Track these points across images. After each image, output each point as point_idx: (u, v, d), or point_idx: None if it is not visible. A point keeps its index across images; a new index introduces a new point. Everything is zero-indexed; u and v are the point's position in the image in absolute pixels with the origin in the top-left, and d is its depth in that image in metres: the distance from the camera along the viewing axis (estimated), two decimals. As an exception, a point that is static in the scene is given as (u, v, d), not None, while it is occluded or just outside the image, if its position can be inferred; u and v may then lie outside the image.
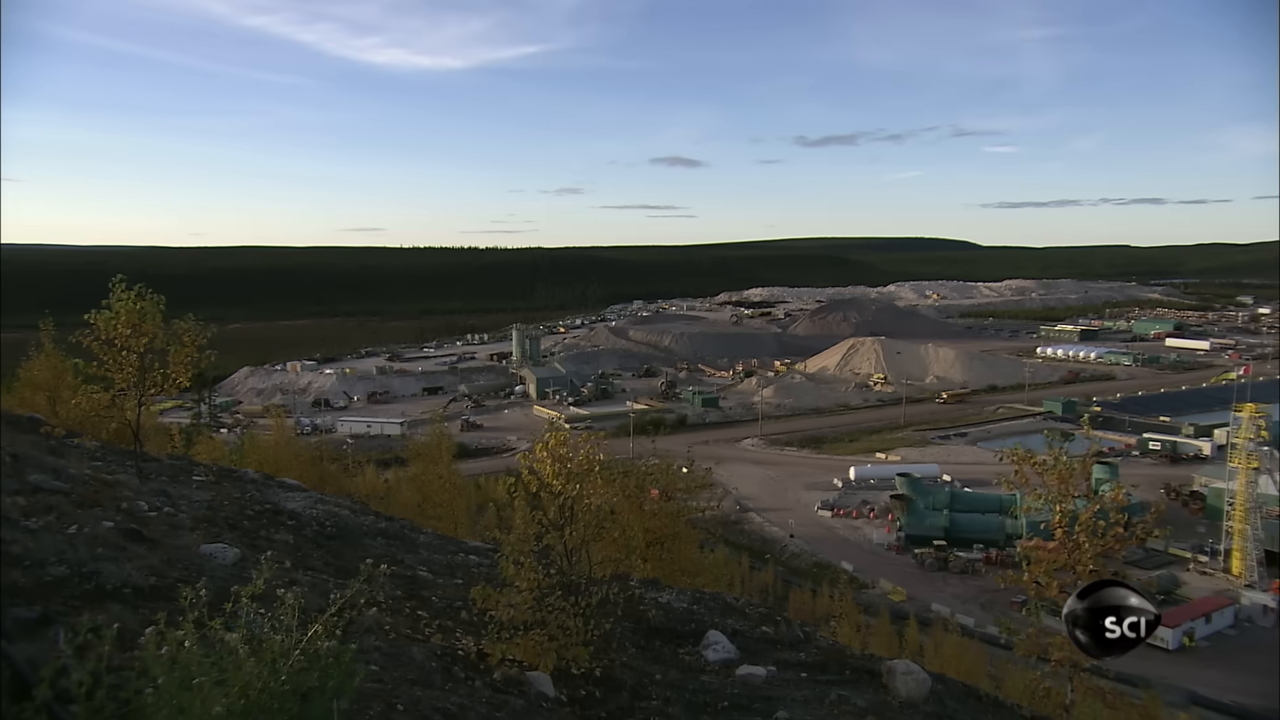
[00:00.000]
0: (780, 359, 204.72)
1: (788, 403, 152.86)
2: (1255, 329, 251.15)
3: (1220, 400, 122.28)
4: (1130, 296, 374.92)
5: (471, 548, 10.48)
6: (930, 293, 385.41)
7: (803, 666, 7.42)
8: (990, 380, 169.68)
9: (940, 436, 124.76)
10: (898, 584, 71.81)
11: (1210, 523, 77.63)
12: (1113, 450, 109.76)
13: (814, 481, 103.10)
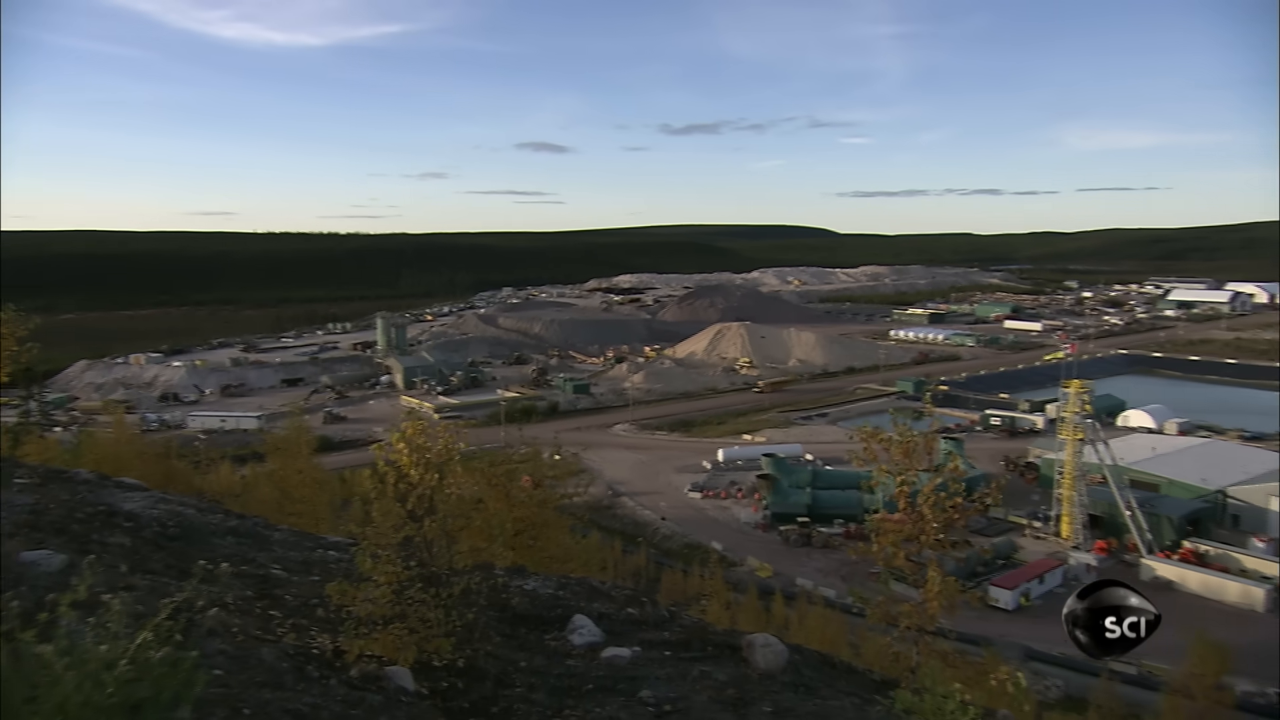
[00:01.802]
0: (650, 345, 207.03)
1: (658, 388, 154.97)
2: (1080, 311, 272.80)
3: (1051, 377, 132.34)
4: (973, 282, 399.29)
5: (331, 543, 10.13)
6: (792, 279, 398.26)
7: (667, 645, 7.57)
8: (848, 362, 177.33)
9: (803, 417, 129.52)
10: (765, 561, 74.19)
11: (1043, 491, 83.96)
12: (959, 426, 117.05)
13: (684, 464, 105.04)
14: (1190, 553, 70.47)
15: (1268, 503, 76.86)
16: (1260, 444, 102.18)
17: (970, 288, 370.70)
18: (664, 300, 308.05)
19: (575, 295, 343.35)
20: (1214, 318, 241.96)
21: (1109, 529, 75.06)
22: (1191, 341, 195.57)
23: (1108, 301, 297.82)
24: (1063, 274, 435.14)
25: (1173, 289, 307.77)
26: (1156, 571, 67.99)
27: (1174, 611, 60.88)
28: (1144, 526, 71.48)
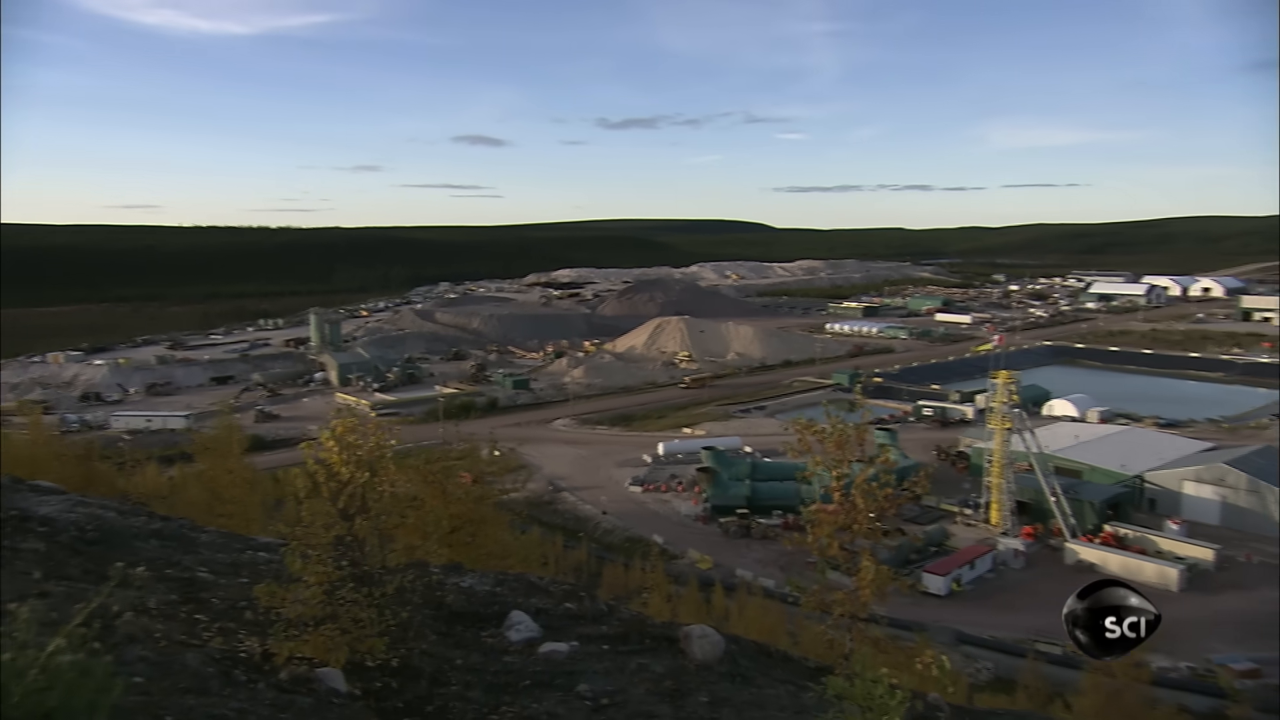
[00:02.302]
0: (590, 339, 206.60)
1: (598, 382, 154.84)
2: (1007, 304, 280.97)
3: (980, 369, 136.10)
4: (905, 275, 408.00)
5: (262, 544, 9.89)
6: (730, 273, 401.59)
7: (605, 639, 7.59)
8: (786, 355, 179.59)
9: (741, 410, 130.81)
10: (705, 553, 74.78)
11: (974, 479, 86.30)
12: (893, 417, 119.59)
13: (625, 459, 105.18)
14: (1111, 536, 73.28)
15: (1181, 487, 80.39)
16: (1174, 431, 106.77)
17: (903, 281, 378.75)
18: (603, 295, 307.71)
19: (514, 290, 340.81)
20: (1132, 310, 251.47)
21: (1035, 515, 77.57)
22: (1111, 333, 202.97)
23: (1033, 294, 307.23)
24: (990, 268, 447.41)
25: (1093, 282, 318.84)
26: (1080, 555, 70.53)
27: (1096, 593, 63.54)
28: (1068, 512, 74.05)
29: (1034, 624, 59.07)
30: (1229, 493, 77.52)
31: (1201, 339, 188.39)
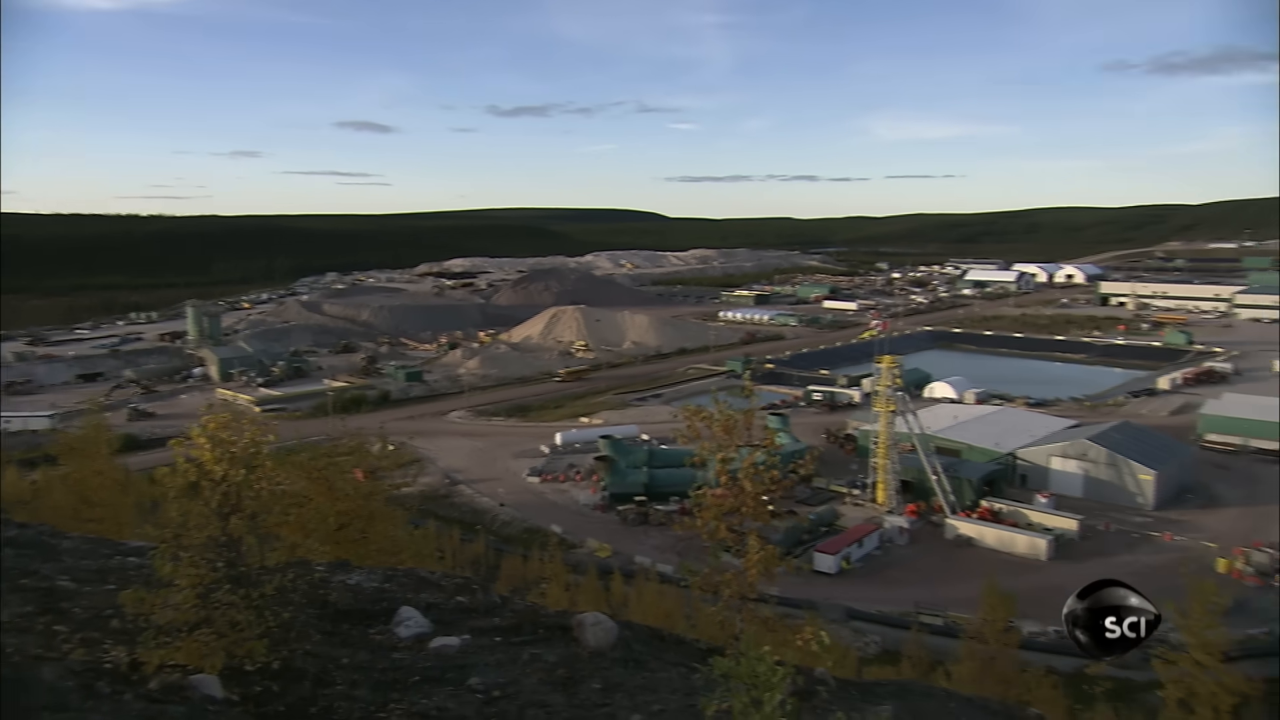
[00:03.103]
0: (484, 329, 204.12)
1: (494, 373, 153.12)
2: (890, 291, 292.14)
3: (866, 354, 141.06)
4: (795, 264, 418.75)
5: (132, 549, 9.39)
6: (625, 262, 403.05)
7: (497, 631, 7.55)
8: (680, 343, 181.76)
9: (638, 398, 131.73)
10: (604, 541, 75.12)
11: (861, 460, 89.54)
12: (784, 402, 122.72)
13: (522, 449, 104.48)
14: (987, 511, 77.37)
15: (1048, 463, 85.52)
16: (1042, 410, 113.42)
17: (792, 270, 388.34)
18: (498, 284, 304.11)
19: (405, 280, 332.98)
20: (1003, 296, 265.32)
21: (918, 493, 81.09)
22: (985, 318, 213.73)
23: (914, 282, 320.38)
24: (874, 256, 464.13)
25: (969, 270, 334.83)
26: (959, 530, 74.20)
27: (974, 564, 66.94)
28: (948, 489, 77.77)
29: (918, 597, 61.90)
30: (1090, 466, 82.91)
31: (1065, 323, 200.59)
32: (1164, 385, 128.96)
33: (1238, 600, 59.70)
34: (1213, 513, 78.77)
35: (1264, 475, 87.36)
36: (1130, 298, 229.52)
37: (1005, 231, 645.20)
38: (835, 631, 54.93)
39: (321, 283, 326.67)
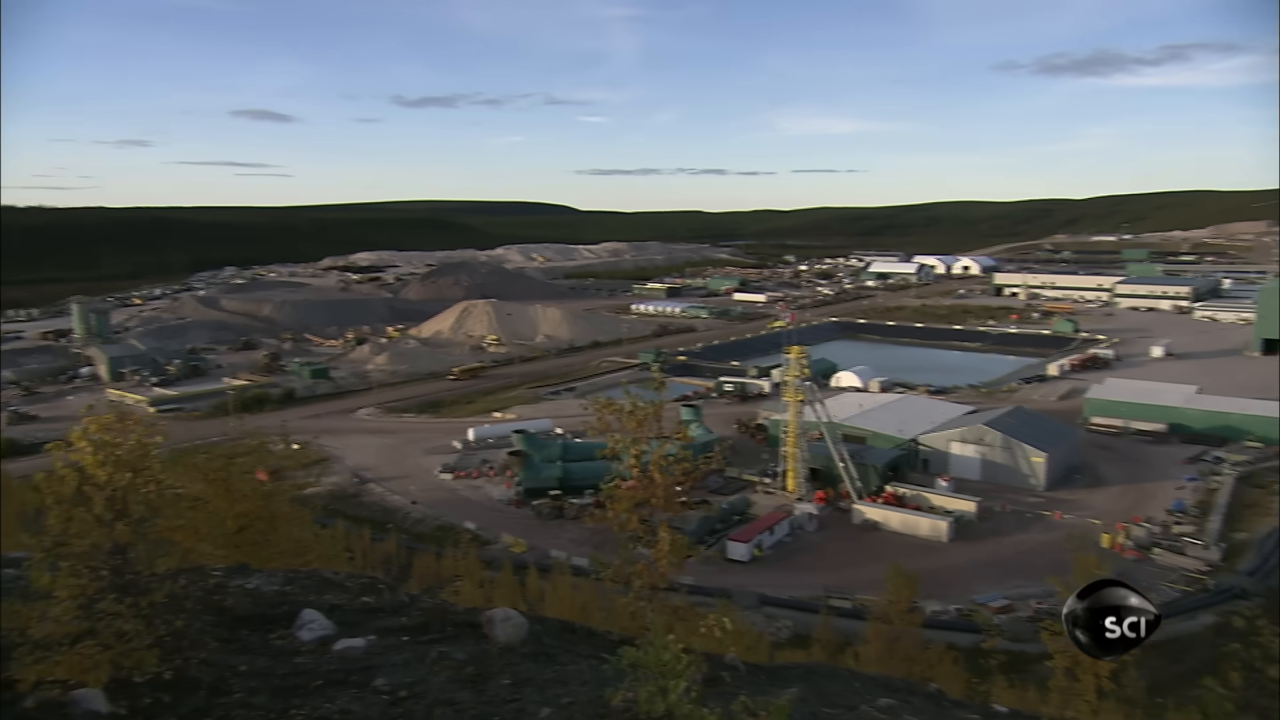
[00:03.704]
0: (393, 324, 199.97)
1: (403, 369, 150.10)
2: (797, 283, 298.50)
3: (775, 345, 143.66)
4: (705, 257, 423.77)
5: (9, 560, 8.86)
6: (536, 255, 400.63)
7: (404, 630, 7.43)
8: (593, 336, 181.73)
9: (551, 392, 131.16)
10: (519, 536, 74.60)
11: (771, 449, 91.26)
12: (696, 394, 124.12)
13: (434, 446, 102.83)
14: (891, 496, 79.96)
15: (948, 447, 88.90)
16: (942, 396, 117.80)
17: (703, 263, 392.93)
18: (406, 278, 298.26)
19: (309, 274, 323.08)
20: (905, 287, 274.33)
21: (827, 480, 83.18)
22: (888, 308, 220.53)
23: (820, 274, 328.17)
24: (782, 249, 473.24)
25: (872, 262, 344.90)
26: (866, 515, 76.45)
27: (880, 548, 69.14)
28: (855, 476, 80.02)
29: (828, 581, 63.54)
30: (987, 450, 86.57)
31: (963, 313, 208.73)
32: (1053, 371, 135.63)
33: (1120, 572, 63.39)
34: (1098, 491, 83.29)
35: (1143, 455, 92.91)
36: (1022, 288, 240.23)
37: (906, 225, 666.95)
38: (748, 618, 55.94)
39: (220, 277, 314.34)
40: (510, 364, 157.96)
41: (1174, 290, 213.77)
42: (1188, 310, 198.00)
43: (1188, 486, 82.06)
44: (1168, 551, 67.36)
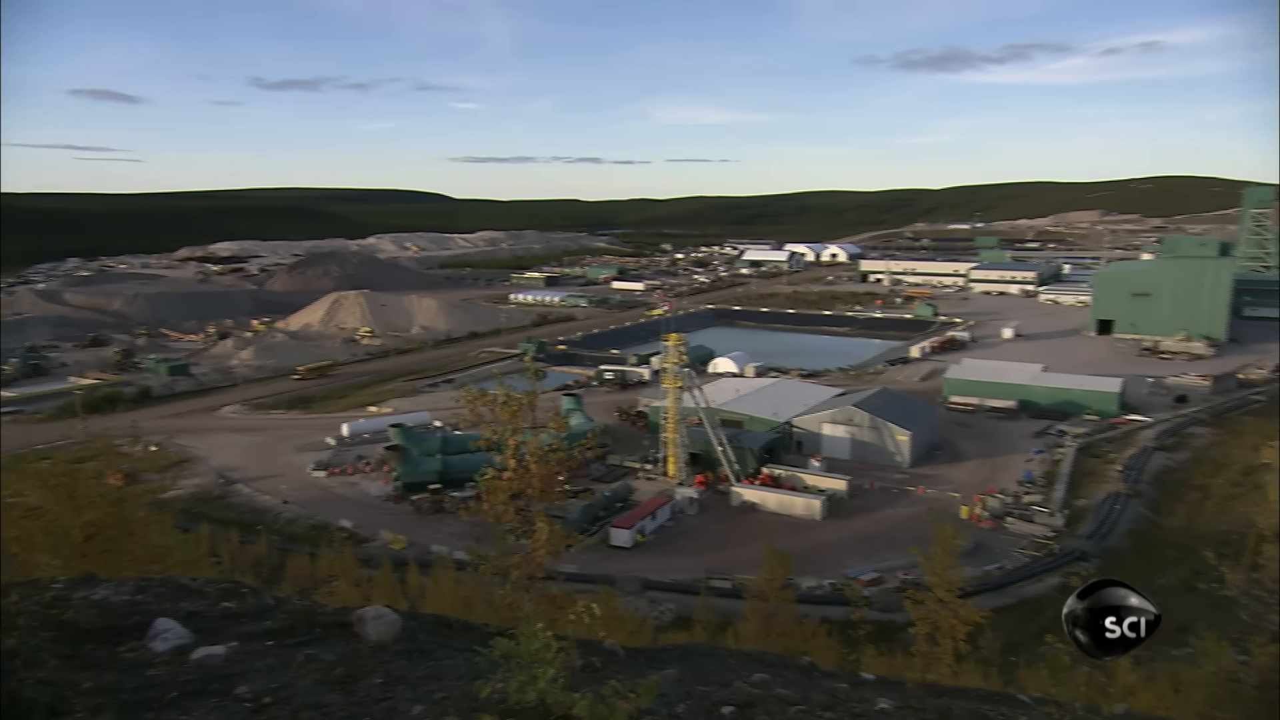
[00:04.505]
0: (258, 317, 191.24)
1: (271, 363, 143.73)
2: (674, 271, 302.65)
3: (653, 333, 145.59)
4: (583, 245, 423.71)
5: None
6: (410, 244, 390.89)
7: (269, 635, 7.15)
8: (471, 327, 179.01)
9: (429, 384, 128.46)
10: (398, 532, 72.98)
11: (652, 436, 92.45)
12: (577, 383, 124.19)
13: (306, 443, 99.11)
14: (768, 477, 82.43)
15: (820, 429, 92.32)
16: (814, 380, 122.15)
17: (581, 251, 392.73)
18: (271, 269, 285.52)
19: (164, 266, 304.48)
20: (777, 274, 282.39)
21: (706, 464, 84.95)
22: (762, 295, 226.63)
23: (696, 262, 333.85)
24: (658, 238, 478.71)
25: (746, 250, 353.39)
26: (744, 496, 78.53)
27: (758, 528, 71.19)
28: (732, 459, 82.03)
29: (709, 563, 64.99)
30: (856, 430, 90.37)
31: (832, 299, 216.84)
32: (915, 354, 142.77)
33: (978, 542, 67.69)
34: (956, 466, 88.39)
35: (996, 430, 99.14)
36: (885, 274, 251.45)
37: (778, 214, 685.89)
38: (632, 603, 56.56)
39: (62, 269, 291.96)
40: (385, 356, 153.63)
41: (1021, 275, 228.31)
42: (1033, 294, 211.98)
43: (1035, 459, 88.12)
44: (1019, 520, 72.22)
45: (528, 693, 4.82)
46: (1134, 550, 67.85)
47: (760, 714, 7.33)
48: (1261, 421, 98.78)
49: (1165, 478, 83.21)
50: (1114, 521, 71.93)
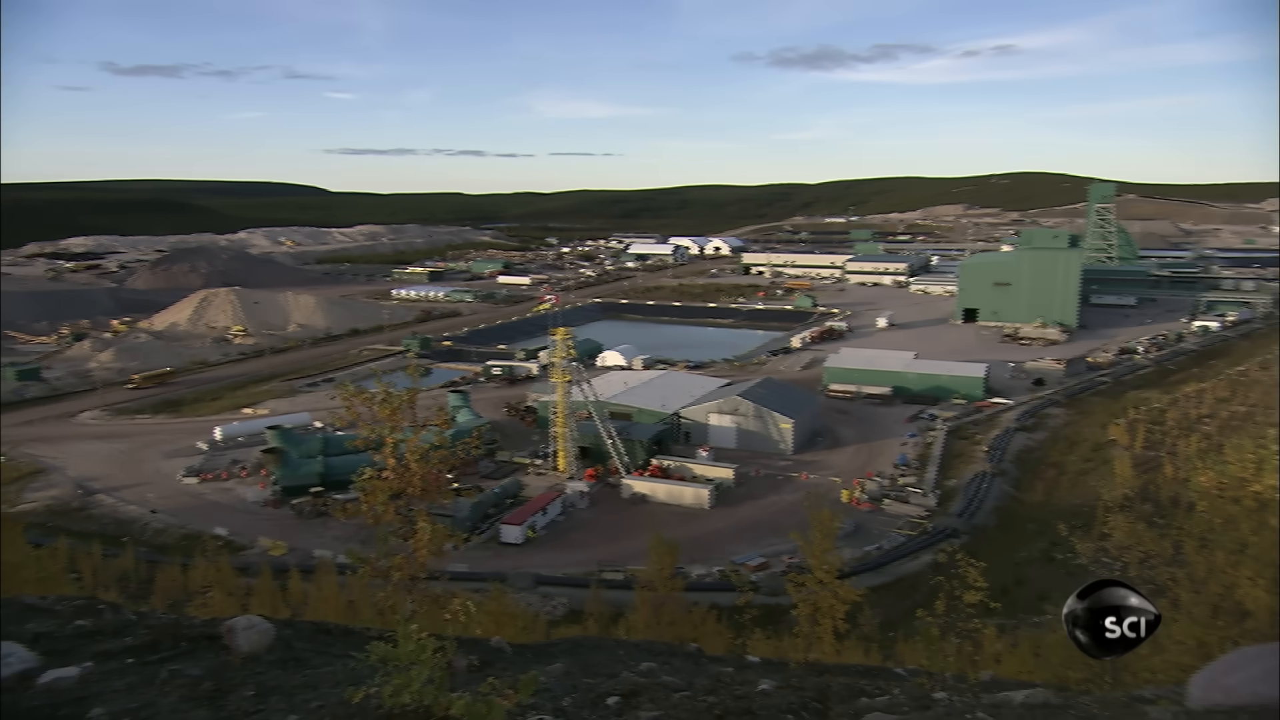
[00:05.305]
0: (119, 317, 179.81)
1: (134, 366, 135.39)
2: (560, 265, 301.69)
3: (541, 327, 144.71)
4: (467, 240, 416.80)
5: None
6: (285, 239, 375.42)
7: (129, 652, 6.76)
8: (352, 324, 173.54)
9: (308, 384, 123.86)
10: (278, 538, 70.28)
11: (542, 431, 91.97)
12: (464, 379, 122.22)
13: (175, 448, 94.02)
14: (657, 468, 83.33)
15: (707, 419, 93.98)
16: (700, 371, 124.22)
17: (465, 246, 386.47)
18: (132, 266, 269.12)
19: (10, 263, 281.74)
20: (662, 267, 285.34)
21: (596, 457, 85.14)
22: (648, 289, 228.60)
23: (582, 256, 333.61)
24: (544, 231, 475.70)
25: (631, 244, 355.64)
26: (634, 489, 79.14)
27: (648, 519, 71.89)
28: (622, 452, 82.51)
29: (600, 556, 65.27)
30: (741, 420, 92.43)
31: (716, 291, 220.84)
32: (796, 344, 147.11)
33: (857, 524, 70.47)
34: (837, 451, 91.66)
35: (873, 416, 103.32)
36: (767, 267, 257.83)
37: (661, 208, 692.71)
38: (524, 599, 56.21)
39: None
40: (260, 356, 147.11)
41: (894, 267, 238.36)
42: (905, 285, 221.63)
43: (909, 442, 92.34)
44: (895, 501, 75.57)
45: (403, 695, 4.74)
46: (999, 526, 72.09)
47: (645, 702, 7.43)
48: (1108, 401, 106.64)
49: (1026, 456, 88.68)
50: (981, 499, 76.19)
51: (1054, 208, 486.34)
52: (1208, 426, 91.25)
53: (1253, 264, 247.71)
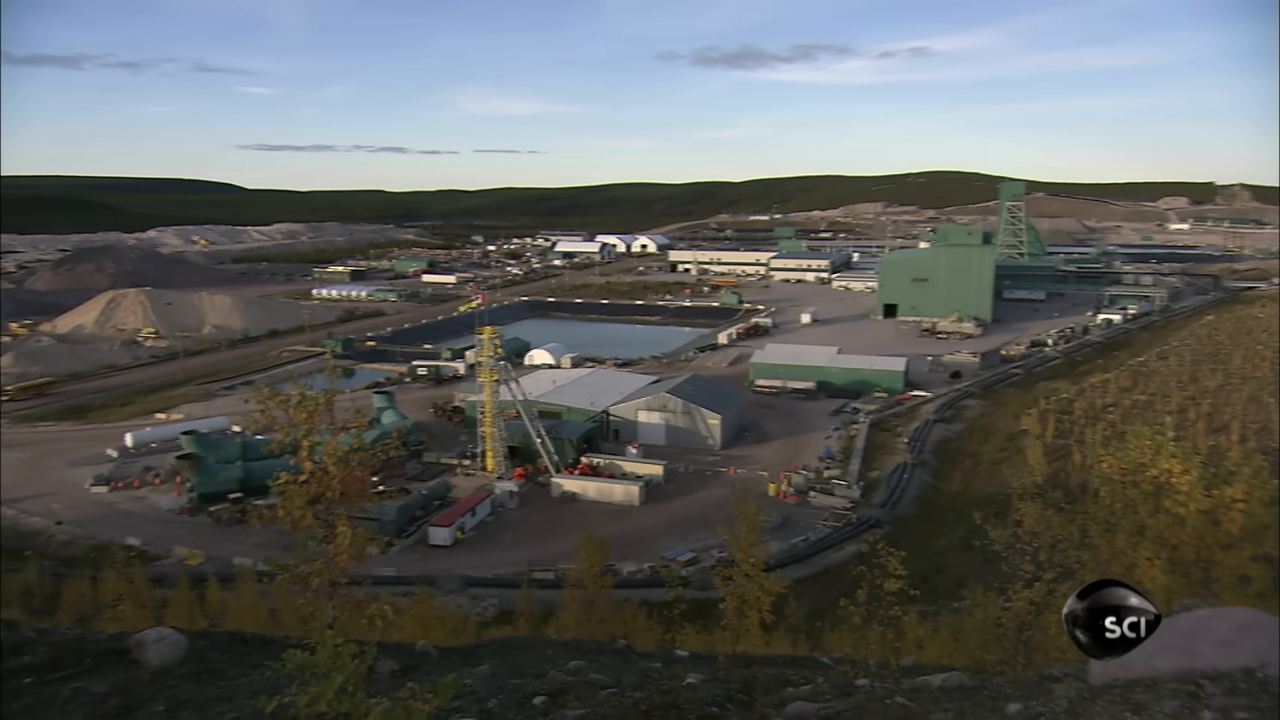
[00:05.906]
0: (18, 320, 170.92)
1: (35, 370, 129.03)
2: (487, 263, 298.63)
3: (467, 326, 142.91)
4: (390, 238, 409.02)
5: None
6: (198, 238, 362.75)
7: (29, 670, 6.47)
8: (271, 325, 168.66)
9: (226, 387, 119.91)
10: (195, 547, 67.85)
11: (469, 431, 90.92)
12: (389, 379, 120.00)
13: (82, 456, 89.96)
14: (587, 466, 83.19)
15: (636, 416, 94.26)
16: (629, 369, 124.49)
17: (388, 244, 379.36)
18: (32, 266, 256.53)
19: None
20: (589, 265, 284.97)
21: (525, 456, 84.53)
22: (575, 286, 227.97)
23: (509, 254, 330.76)
24: (469, 229, 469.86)
25: (558, 242, 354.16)
26: (564, 487, 78.86)
27: (578, 518, 71.75)
28: (551, 450, 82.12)
29: (531, 556, 64.85)
30: (670, 416, 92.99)
31: (643, 289, 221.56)
32: (723, 340, 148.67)
33: (784, 516, 71.63)
34: (764, 446, 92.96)
35: (798, 410, 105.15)
36: (693, 264, 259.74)
37: (587, 205, 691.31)
38: (453, 601, 55.52)
39: None
40: (174, 359, 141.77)
41: (817, 264, 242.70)
42: (828, 281, 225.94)
43: (833, 435, 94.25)
44: (821, 493, 77.03)
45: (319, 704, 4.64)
46: (920, 515, 74.17)
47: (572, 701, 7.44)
48: (1020, 392, 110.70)
49: (944, 447, 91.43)
50: (903, 490, 78.25)
51: (968, 205, 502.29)
52: (1112, 415, 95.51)
53: (1150, 259, 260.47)
